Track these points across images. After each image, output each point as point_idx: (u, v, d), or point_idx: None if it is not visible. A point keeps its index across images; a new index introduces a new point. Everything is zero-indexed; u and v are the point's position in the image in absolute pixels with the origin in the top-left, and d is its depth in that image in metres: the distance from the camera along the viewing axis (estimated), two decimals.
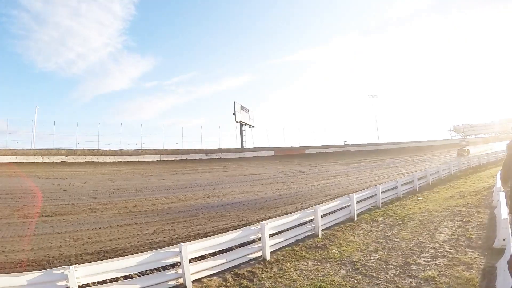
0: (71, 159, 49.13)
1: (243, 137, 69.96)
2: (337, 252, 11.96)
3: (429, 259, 10.53)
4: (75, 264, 8.77)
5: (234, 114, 67.01)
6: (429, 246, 11.76)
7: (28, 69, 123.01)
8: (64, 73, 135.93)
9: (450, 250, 11.16)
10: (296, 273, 10.37)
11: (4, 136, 58.54)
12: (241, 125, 69.88)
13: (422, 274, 9.42)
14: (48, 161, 47.62)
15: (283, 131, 73.27)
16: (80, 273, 8.49)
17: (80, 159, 49.35)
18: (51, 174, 37.25)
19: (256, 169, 40.01)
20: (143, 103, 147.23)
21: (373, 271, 10.03)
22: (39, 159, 47.94)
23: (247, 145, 69.38)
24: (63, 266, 8.63)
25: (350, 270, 10.28)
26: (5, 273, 10.05)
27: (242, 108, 69.62)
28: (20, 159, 46.72)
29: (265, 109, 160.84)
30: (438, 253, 10.97)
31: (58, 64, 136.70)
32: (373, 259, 11.05)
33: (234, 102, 66.80)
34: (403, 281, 9.13)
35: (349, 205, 16.26)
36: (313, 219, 13.82)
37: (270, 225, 11.69)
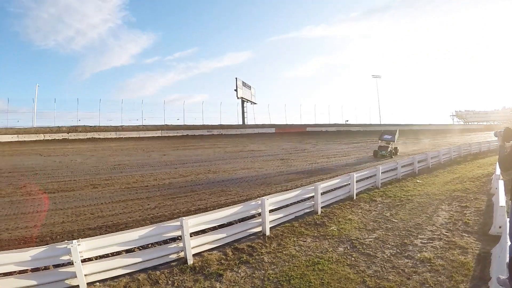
0: (72, 136, 49.59)
1: (245, 114, 69.75)
2: (335, 229, 12.15)
3: (425, 241, 10.75)
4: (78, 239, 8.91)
5: (235, 90, 66.67)
6: (426, 228, 11.99)
7: (27, 47, 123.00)
8: (64, 50, 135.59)
9: (446, 233, 11.38)
10: (295, 249, 10.58)
11: (5, 115, 58.67)
12: (242, 102, 69.67)
13: (418, 255, 9.65)
14: (50, 138, 48.12)
15: (285, 108, 72.73)
16: (83, 247, 8.68)
17: (82, 135, 49.69)
18: (52, 151, 37.55)
19: (257, 145, 40.12)
20: (144, 79, 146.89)
21: (370, 249, 10.26)
22: (41, 137, 48.45)
23: (249, 121, 69.32)
24: (66, 241, 8.81)
25: (348, 248, 10.50)
26: (9, 249, 10.20)
27: (244, 84, 69.20)
28: (21, 138, 47.26)
29: (266, 87, 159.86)
30: (434, 236, 11.20)
31: (57, 41, 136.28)
32: (370, 238, 11.28)
33: (236, 78, 66.53)
34: (399, 261, 9.36)
35: (349, 183, 16.42)
36: (313, 196, 13.99)
37: (270, 201, 11.85)
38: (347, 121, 75.69)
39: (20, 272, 9.01)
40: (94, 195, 18.26)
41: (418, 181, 21.18)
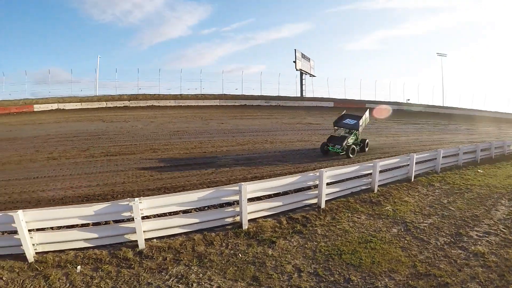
0: (133, 103, 51.11)
1: (303, 86, 68.62)
2: (390, 210, 12.02)
3: (481, 234, 10.39)
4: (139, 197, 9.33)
5: (294, 62, 65.33)
6: (483, 221, 11.53)
7: (86, 22, 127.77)
8: (121, 23, 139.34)
9: (504, 230, 10.84)
10: (349, 224, 10.60)
11: (69, 85, 62.07)
12: (301, 74, 68.38)
13: (473, 247, 9.39)
14: (111, 106, 49.88)
15: (344, 82, 70.91)
16: (144, 205, 9.12)
17: (142, 103, 51.01)
18: (114, 117, 38.88)
19: (315, 118, 39.63)
20: (201, 49, 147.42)
21: (424, 235, 10.11)
22: (103, 104, 50.42)
23: (307, 94, 68.15)
24: (128, 198, 9.26)
25: (402, 230, 10.40)
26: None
27: (303, 56, 67.79)
28: (85, 105, 49.61)
29: (325, 59, 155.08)
30: (491, 230, 10.76)
31: (115, 15, 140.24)
32: (425, 223, 11.08)
33: (295, 49, 65.25)
34: (452, 251, 9.16)
35: (408, 164, 16.04)
36: (371, 173, 13.85)
37: (328, 173, 11.82)
38: (408, 100, 72.53)
39: (83, 225, 9.55)
40: (154, 158, 18.94)
41: (479, 170, 20.01)
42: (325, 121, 37.31)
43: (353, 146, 21.68)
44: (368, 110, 25.08)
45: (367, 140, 23.97)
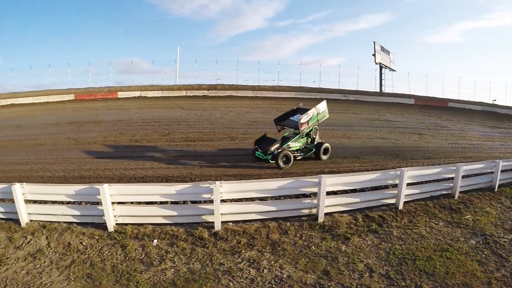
0: (211, 93, 51.98)
1: (382, 81, 65.99)
2: (470, 219, 11.40)
3: None
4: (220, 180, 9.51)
5: (373, 55, 62.69)
6: None
7: (165, 16, 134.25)
8: (199, 17, 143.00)
9: None
10: (426, 230, 10.18)
11: (150, 75, 66.01)
12: (380, 68, 64.90)
13: None
14: (191, 95, 51.26)
15: (426, 78, 67.26)
16: (224, 188, 9.32)
17: (220, 93, 51.78)
18: (193, 106, 39.82)
19: (394, 116, 38.16)
20: (278, 41, 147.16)
21: (503, 250, 9.36)
22: (183, 93, 51.89)
23: (386, 89, 65.54)
24: (209, 181, 9.46)
25: (480, 242, 9.73)
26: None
27: (383, 49, 64.51)
28: (165, 94, 51.45)
29: (406, 53, 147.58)
30: None
31: (192, 9, 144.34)
32: (506, 238, 10.19)
33: (374, 42, 62.58)
34: None
35: (493, 172, 15.10)
36: (453, 177, 13.04)
37: (409, 173, 11.29)
38: (495, 100, 67.18)
39: (161, 202, 9.86)
40: (231, 146, 19.20)
41: None
42: (405, 119, 35.96)
43: (287, 152, 16.03)
44: (324, 101, 18.45)
45: (325, 145, 17.66)
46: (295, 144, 16.70)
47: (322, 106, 17.77)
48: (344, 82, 62.11)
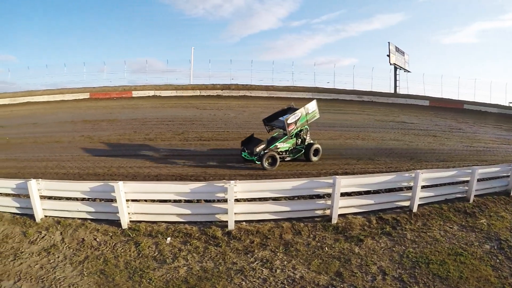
0: (225, 93, 52.10)
1: (397, 82, 64.88)
2: (485, 223, 11.25)
3: None
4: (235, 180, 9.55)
5: (388, 55, 62.03)
6: None
7: (179, 16, 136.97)
8: (212, 17, 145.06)
9: None
10: (440, 233, 10.06)
11: (164, 74, 66.93)
12: (395, 68, 64.34)
13: None
14: (205, 94, 51.48)
15: (441, 80, 65.98)
16: (238, 188, 9.33)
17: (234, 93, 51.78)
18: (207, 105, 39.93)
19: (409, 117, 37.64)
20: (291, 41, 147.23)
21: None
22: (197, 92, 52.18)
23: (401, 90, 64.68)
24: (223, 180, 9.50)
25: (495, 247, 9.57)
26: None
27: (397, 49, 64.30)
28: (179, 93, 51.78)
29: (420, 54, 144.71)
30: None
31: (206, 9, 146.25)
32: None
33: (388, 42, 62.03)
34: None
35: (508, 175, 14.86)
36: (468, 181, 12.89)
37: (424, 176, 11.12)
38: (511, 103, 66.57)
39: (175, 201, 9.91)
40: None
41: None
42: (419, 120, 35.50)
43: (273, 153, 15.58)
44: (314, 101, 17.97)
45: (315, 146, 17.15)
46: (283, 145, 16.34)
47: (312, 106, 17.29)
48: (358, 83, 62.13)
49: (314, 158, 17.00)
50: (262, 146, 15.59)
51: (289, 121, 15.77)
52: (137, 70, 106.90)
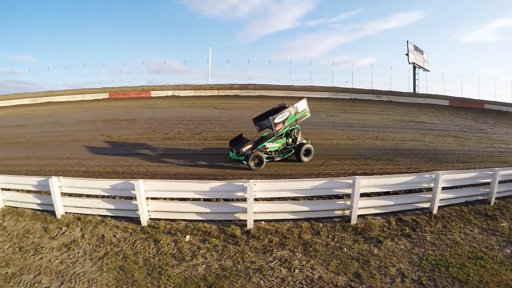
0: (243, 92, 52.11)
1: (416, 81, 63.67)
2: (506, 227, 11.04)
3: None
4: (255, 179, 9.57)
5: (407, 54, 60.86)
6: None
7: (195, 17, 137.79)
8: (229, 18, 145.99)
9: None
10: (460, 236, 9.91)
11: (183, 74, 68.18)
12: (414, 68, 63.25)
13: None
14: (223, 94, 51.61)
15: (461, 79, 64.33)
16: (257, 187, 9.36)
17: (252, 93, 51.73)
18: (225, 105, 40.11)
19: (428, 117, 36.99)
20: (309, 41, 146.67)
21: None
22: (215, 92, 52.43)
23: (420, 90, 63.05)
24: (243, 179, 9.53)
25: None
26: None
27: (416, 48, 63.20)
28: (197, 93, 52.13)
29: (439, 52, 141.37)
30: None
31: (222, 9, 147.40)
32: None
33: (407, 41, 60.84)
34: None
35: None
36: (489, 182, 12.59)
37: (444, 177, 10.98)
38: None
39: (194, 199, 9.97)
40: None
41: None
42: (439, 121, 34.85)
43: (259, 153, 15.31)
44: (304, 99, 17.36)
45: (306, 146, 16.66)
46: (272, 145, 16.06)
47: (302, 105, 16.78)
48: (377, 83, 60.42)
49: (305, 159, 16.59)
50: (249, 146, 15.47)
51: (276, 121, 15.47)
52: (155, 70, 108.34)
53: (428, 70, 65.36)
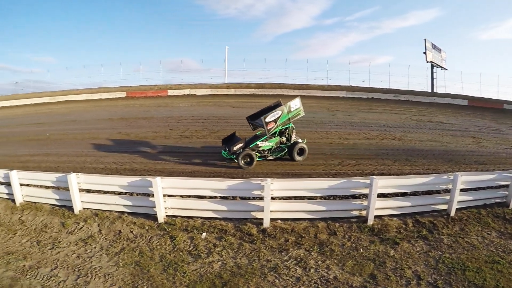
0: (260, 91, 52.05)
1: (434, 80, 61.81)
2: None
3: None
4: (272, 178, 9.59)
5: (424, 53, 59.37)
6: None
7: (211, 16, 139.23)
8: (245, 17, 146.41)
9: None
10: (477, 239, 9.78)
11: (199, 74, 71.56)
12: (432, 66, 61.80)
13: None
14: (239, 93, 51.57)
15: (480, 78, 62.74)
16: (275, 186, 9.38)
17: (268, 91, 51.63)
18: (242, 104, 40.06)
19: (446, 117, 36.41)
20: (325, 40, 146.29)
21: None
22: (231, 91, 52.51)
23: (438, 89, 61.78)
24: (260, 178, 9.56)
25: None
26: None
27: (434, 47, 62.06)
28: (214, 92, 52.39)
29: (457, 51, 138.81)
30: None
31: (238, 9, 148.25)
32: None
33: (424, 39, 59.48)
34: None
35: None
36: (508, 185, 12.29)
37: (463, 178, 10.76)
38: None
39: (211, 197, 10.02)
40: None
41: None
42: (458, 121, 34.17)
43: (249, 152, 15.39)
44: (298, 98, 16.93)
45: (300, 145, 16.46)
46: (265, 144, 16.02)
47: (295, 104, 16.40)
48: (394, 82, 59.35)
49: (298, 158, 16.40)
50: (240, 145, 15.46)
51: (267, 120, 15.34)
52: (172, 69, 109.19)
53: (446, 69, 63.78)
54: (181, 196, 10.27)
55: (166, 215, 9.96)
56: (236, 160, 15.34)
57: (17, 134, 25.94)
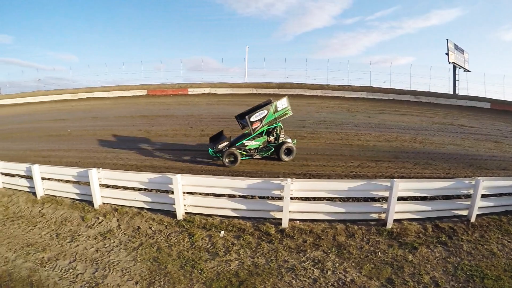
0: (280, 91, 51.43)
1: (456, 82, 60.22)
2: None
3: None
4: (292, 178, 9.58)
5: (447, 54, 58.17)
6: None
7: (231, 16, 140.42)
8: (265, 16, 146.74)
9: None
10: (497, 247, 9.61)
11: (219, 73, 72.28)
12: (454, 68, 60.24)
13: None
14: (259, 92, 51.37)
15: (503, 80, 60.65)
16: (294, 186, 9.37)
17: (289, 91, 51.52)
18: None
19: (469, 120, 35.71)
20: (346, 39, 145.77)
21: None
22: (251, 91, 52.69)
23: (460, 91, 59.42)
24: (280, 178, 9.58)
25: None
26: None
27: (456, 47, 60.53)
28: (234, 91, 52.77)
29: (481, 51, 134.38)
30: None
31: (258, 8, 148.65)
32: None
33: (447, 39, 58.36)
34: None
35: None
36: None
37: (485, 184, 10.56)
38: None
39: (230, 195, 10.07)
40: (300, 145, 18.89)
41: None
42: (480, 124, 33.43)
43: (234, 151, 15.48)
44: (285, 97, 16.96)
45: (287, 145, 16.40)
46: (251, 143, 16.05)
47: (282, 103, 16.36)
48: (416, 83, 58.17)
49: (285, 158, 16.35)
50: (225, 144, 15.51)
51: (252, 119, 15.44)
52: (192, 68, 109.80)
53: (469, 71, 62.12)
54: (200, 194, 10.36)
55: (185, 212, 10.05)
56: (221, 159, 15.43)
57: (39, 130, 26.50)
